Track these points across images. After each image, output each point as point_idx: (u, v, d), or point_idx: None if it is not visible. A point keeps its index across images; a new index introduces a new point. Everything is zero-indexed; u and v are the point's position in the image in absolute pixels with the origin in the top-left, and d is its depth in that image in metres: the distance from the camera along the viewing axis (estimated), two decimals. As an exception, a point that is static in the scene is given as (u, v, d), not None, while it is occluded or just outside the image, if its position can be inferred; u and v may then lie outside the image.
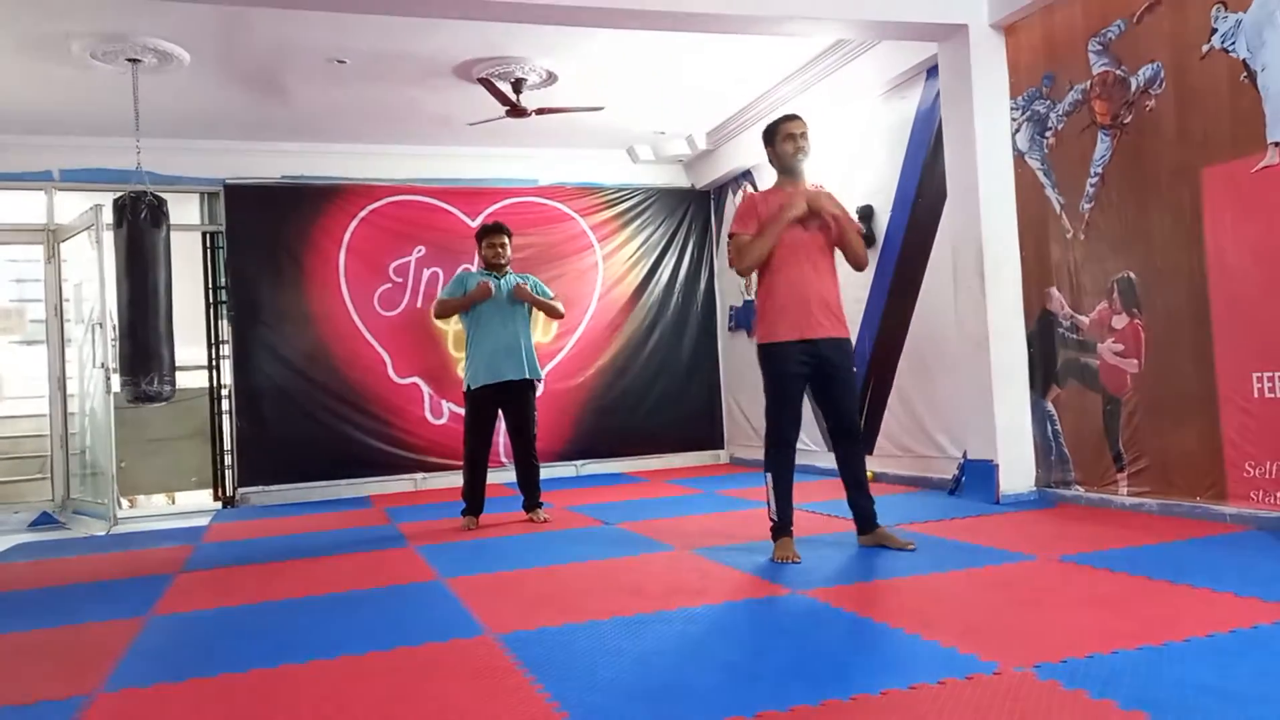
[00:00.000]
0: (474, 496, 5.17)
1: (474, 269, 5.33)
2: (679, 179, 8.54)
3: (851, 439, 3.86)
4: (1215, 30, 3.92)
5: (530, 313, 5.31)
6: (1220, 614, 2.55)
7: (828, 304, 3.76)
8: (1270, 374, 3.76)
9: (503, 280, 5.22)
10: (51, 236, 6.97)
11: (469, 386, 5.16)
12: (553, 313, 5.40)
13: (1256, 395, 3.81)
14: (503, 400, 5.16)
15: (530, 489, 5.31)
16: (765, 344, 3.79)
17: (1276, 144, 3.69)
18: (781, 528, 3.75)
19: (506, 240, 5.25)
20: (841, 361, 3.77)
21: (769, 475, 3.79)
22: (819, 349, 3.71)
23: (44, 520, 6.63)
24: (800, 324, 3.70)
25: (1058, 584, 3.06)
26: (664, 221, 8.36)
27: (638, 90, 6.64)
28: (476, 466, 5.18)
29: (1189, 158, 4.07)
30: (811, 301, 3.71)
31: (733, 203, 8.13)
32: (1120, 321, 4.47)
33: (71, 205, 7.14)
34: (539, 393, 5.50)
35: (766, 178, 7.48)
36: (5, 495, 7.28)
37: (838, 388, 3.78)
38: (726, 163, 7.88)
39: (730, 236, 3.90)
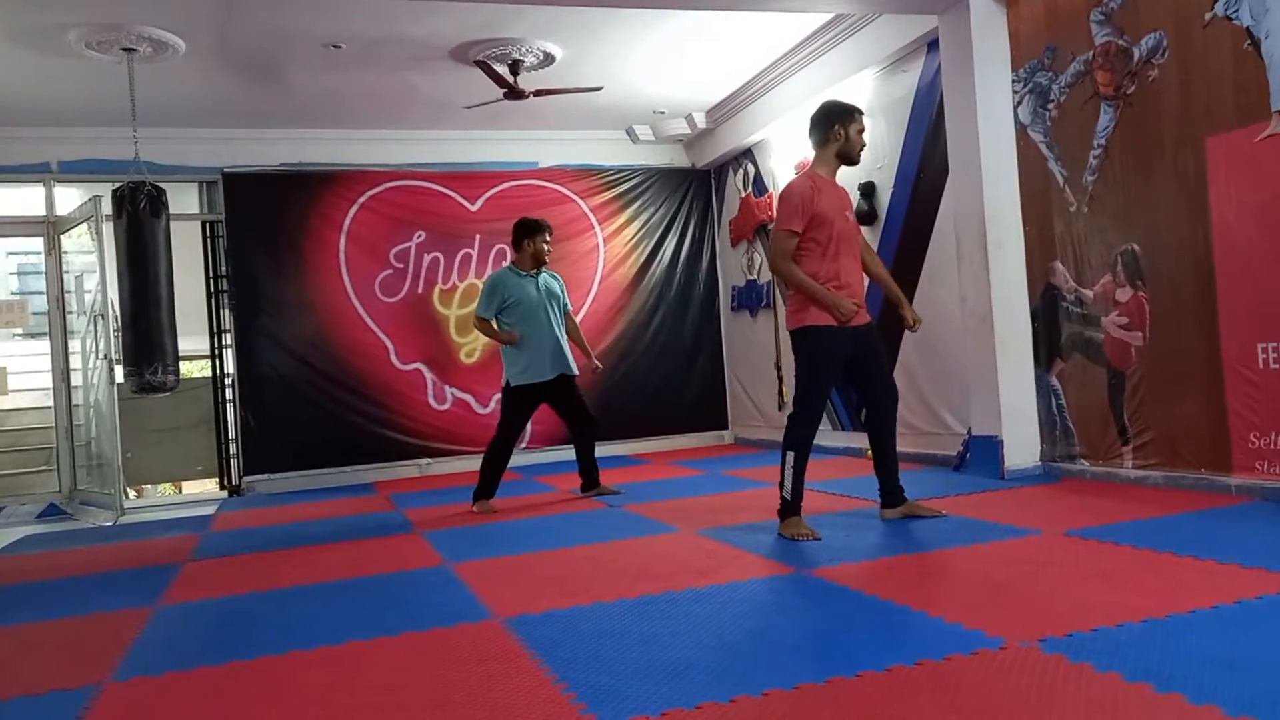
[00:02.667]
0: (493, 483, 5.23)
1: (507, 266, 5.31)
2: (679, 159, 8.50)
3: (894, 396, 3.97)
4: (1218, -2, 3.88)
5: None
6: (1225, 585, 2.55)
7: (860, 293, 3.87)
8: (1276, 344, 3.74)
9: (539, 278, 5.25)
10: (51, 228, 6.96)
11: (518, 382, 5.17)
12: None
13: (1262, 366, 3.79)
14: (550, 395, 5.26)
15: (594, 469, 5.48)
16: (815, 326, 3.74)
17: (1281, 112, 3.66)
18: (795, 506, 3.76)
19: (550, 239, 5.35)
20: (876, 343, 3.93)
21: (792, 453, 3.77)
22: (859, 334, 3.80)
23: (51, 512, 6.66)
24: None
25: (1063, 558, 3.06)
26: (665, 202, 8.33)
27: (636, 70, 6.59)
28: (504, 458, 5.26)
29: (1192, 128, 4.04)
30: (857, 291, 3.83)
31: (733, 182, 8.09)
32: (1124, 294, 4.45)
33: (71, 197, 7.13)
34: None
35: (768, 156, 7.46)
36: (12, 487, 7.31)
37: (875, 364, 3.90)
38: (727, 141, 7.83)
39: (773, 229, 3.79)
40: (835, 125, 3.82)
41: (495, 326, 5.22)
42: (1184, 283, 4.13)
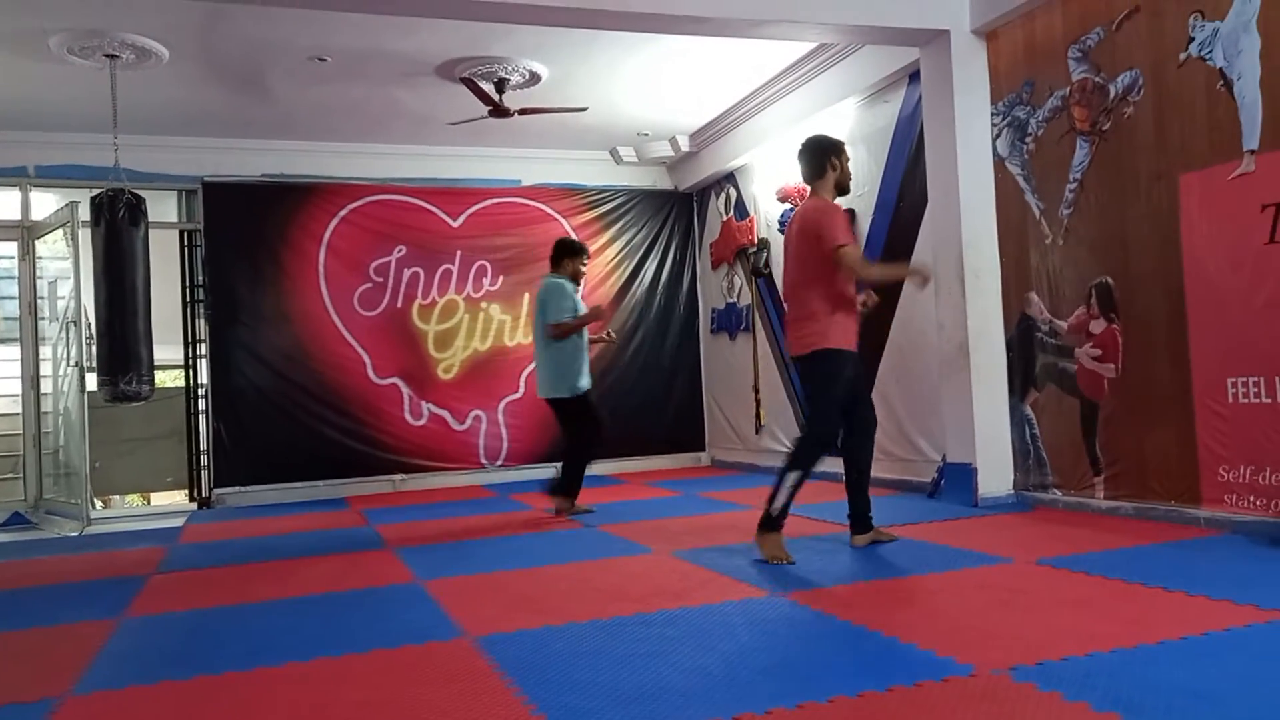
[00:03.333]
0: (580, 484, 5.49)
1: (556, 277, 5.50)
2: (662, 181, 8.54)
3: (875, 418, 4.08)
4: (1193, 39, 3.97)
5: None
6: (1193, 616, 2.58)
7: None
8: (1245, 379, 3.80)
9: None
10: (26, 233, 6.88)
11: (577, 391, 5.39)
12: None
13: (1231, 400, 3.85)
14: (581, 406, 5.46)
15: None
16: (838, 349, 3.80)
17: (1252, 152, 3.73)
18: (778, 524, 3.74)
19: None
20: (862, 368, 4.14)
21: (796, 473, 3.73)
22: (858, 359, 3.95)
23: (16, 520, 6.54)
24: (854, 336, 3.92)
25: (1034, 586, 3.08)
26: (647, 223, 8.36)
27: (621, 92, 6.63)
28: (589, 456, 5.56)
29: (1166, 164, 4.11)
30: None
31: (715, 206, 8.14)
32: (1098, 326, 4.50)
33: (47, 202, 7.06)
34: None
35: (750, 180, 7.52)
36: (-23, 495, 7.17)
37: (863, 388, 4.13)
38: (709, 165, 7.89)
39: (839, 247, 3.74)
40: (831, 157, 3.93)
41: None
42: (1156, 316, 4.19)
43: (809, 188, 4.01)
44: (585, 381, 5.42)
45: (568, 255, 5.49)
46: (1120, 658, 2.25)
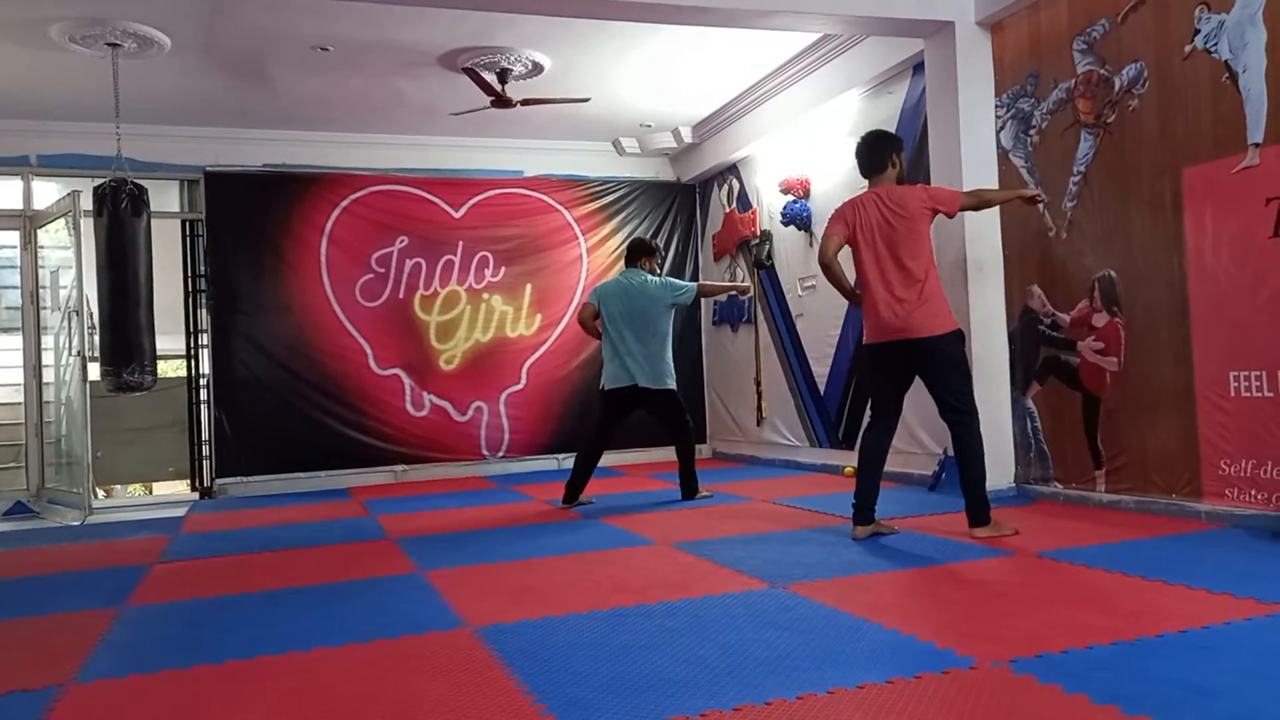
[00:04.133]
0: (581, 487, 5.54)
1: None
2: (665, 172, 8.53)
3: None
4: (1198, 31, 3.95)
5: None
6: (1194, 610, 2.58)
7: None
8: (1247, 373, 3.79)
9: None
10: (28, 222, 6.88)
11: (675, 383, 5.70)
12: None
13: (1233, 394, 3.85)
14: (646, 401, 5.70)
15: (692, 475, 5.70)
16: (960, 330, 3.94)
17: (1257, 145, 3.72)
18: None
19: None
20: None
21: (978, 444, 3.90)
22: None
23: (18, 509, 6.55)
24: None
25: (1035, 579, 3.08)
26: (649, 215, 8.34)
27: (624, 83, 6.62)
28: (592, 460, 5.61)
29: (1170, 158, 4.10)
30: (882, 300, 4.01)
31: (718, 198, 8.13)
32: (1100, 320, 4.50)
33: (49, 191, 7.05)
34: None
35: (753, 172, 7.50)
36: (-21, 484, 7.19)
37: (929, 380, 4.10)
38: (712, 157, 7.87)
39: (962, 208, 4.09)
40: (893, 153, 4.03)
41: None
42: (1159, 310, 4.18)
43: (866, 181, 4.08)
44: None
45: (645, 254, 5.66)
46: (1120, 650, 2.26)
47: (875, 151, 4.02)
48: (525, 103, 6.34)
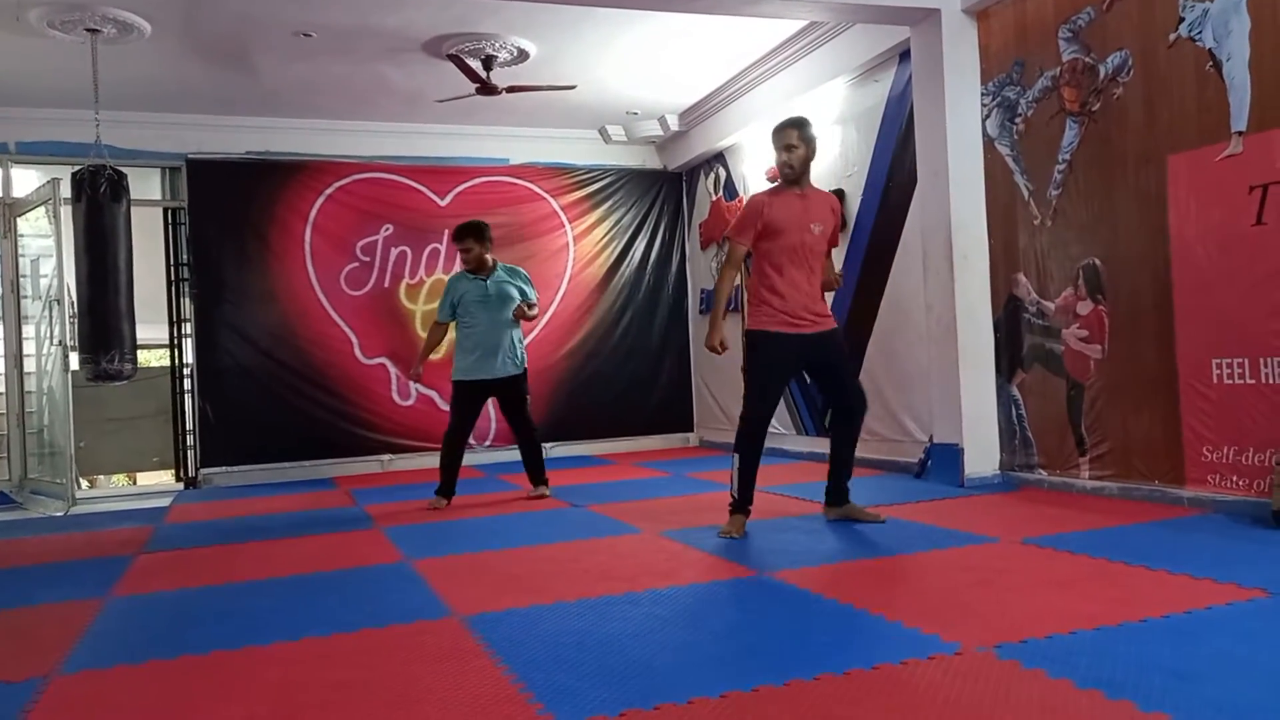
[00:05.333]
0: (448, 478, 5.24)
1: (459, 270, 5.37)
2: (651, 160, 8.50)
3: (863, 404, 4.10)
4: (1183, 19, 3.96)
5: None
6: (1177, 595, 2.60)
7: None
8: (1229, 360, 3.82)
9: (489, 281, 5.23)
10: (8, 210, 6.79)
11: (457, 377, 5.27)
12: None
13: (1215, 381, 3.88)
14: (493, 392, 5.29)
15: (534, 467, 5.43)
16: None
17: (1240, 133, 3.74)
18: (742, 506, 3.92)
19: (474, 243, 5.18)
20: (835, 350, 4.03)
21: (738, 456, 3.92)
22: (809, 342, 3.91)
23: (0, 500, 6.50)
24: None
25: (1019, 566, 3.11)
26: (636, 203, 8.32)
27: (610, 70, 6.58)
28: (454, 450, 5.26)
29: (1155, 146, 4.12)
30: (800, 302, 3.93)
31: (704, 186, 8.12)
32: (1085, 308, 4.52)
33: (28, 178, 6.96)
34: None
35: (740, 160, 7.49)
36: (-40, 475, 7.12)
37: (838, 371, 4.04)
38: (699, 145, 7.85)
39: (725, 238, 4.03)
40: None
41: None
42: (1143, 297, 4.21)
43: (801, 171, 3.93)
44: (469, 373, 5.25)
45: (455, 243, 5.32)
46: (1104, 636, 2.28)
47: (812, 139, 3.94)
48: (511, 90, 6.30)
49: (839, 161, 6.23)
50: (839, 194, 6.18)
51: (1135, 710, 1.81)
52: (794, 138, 3.87)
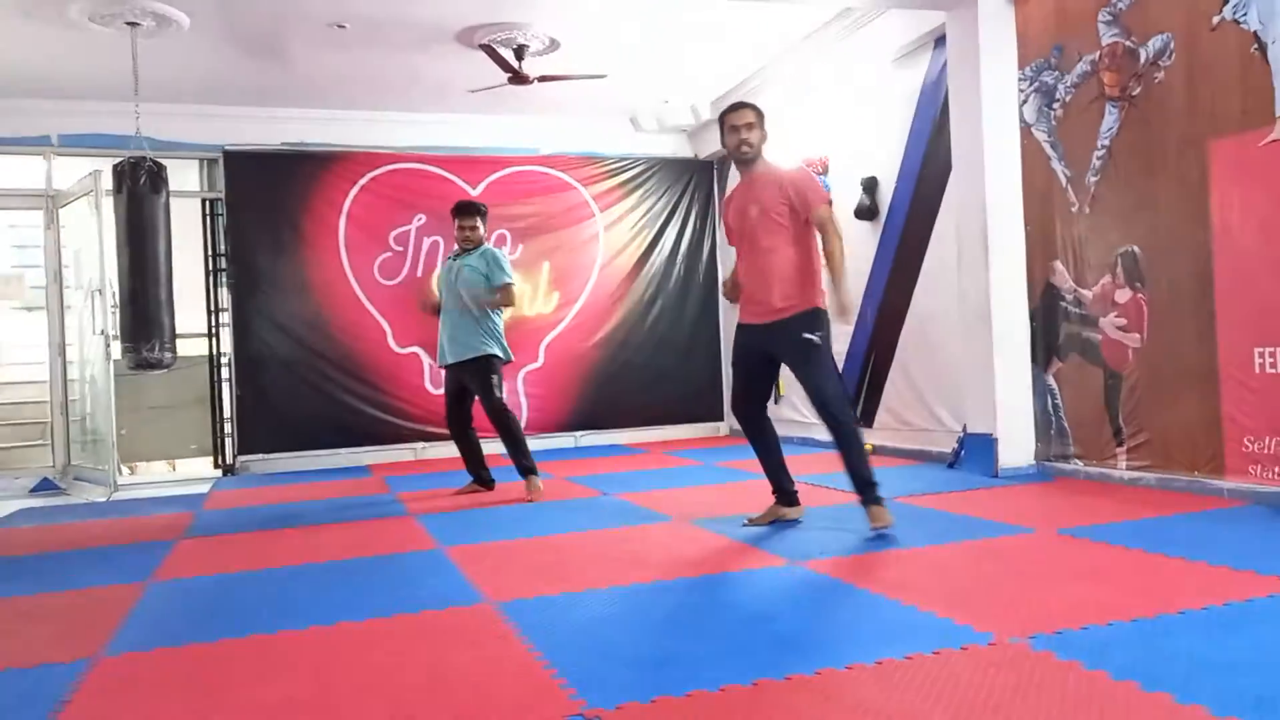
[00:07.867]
0: (467, 465, 5.35)
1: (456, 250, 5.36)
2: (682, 149, 8.47)
3: (826, 414, 3.65)
4: (1226, 1, 3.87)
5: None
6: (1215, 587, 2.56)
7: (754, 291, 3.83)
8: (1271, 349, 3.74)
9: (456, 261, 5.22)
10: (51, 202, 6.93)
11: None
12: (502, 304, 5.18)
13: (1258, 370, 3.80)
14: (462, 377, 5.21)
15: (514, 457, 5.17)
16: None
17: (1285, 117, 3.65)
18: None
19: (481, 222, 5.21)
20: (794, 348, 3.66)
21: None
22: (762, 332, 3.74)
23: (45, 486, 6.65)
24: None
25: (1054, 557, 3.07)
26: (666, 191, 8.30)
27: (641, 58, 6.56)
28: (453, 437, 5.38)
29: (1197, 131, 4.03)
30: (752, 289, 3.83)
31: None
32: (1123, 296, 4.45)
33: (71, 170, 7.09)
34: (504, 363, 5.25)
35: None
36: (7, 461, 7.30)
37: (797, 372, 3.73)
38: (730, 133, 7.79)
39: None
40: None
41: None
42: (1183, 286, 4.13)
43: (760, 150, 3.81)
44: (440, 359, 5.29)
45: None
46: (1140, 628, 2.25)
47: (761, 119, 3.89)
48: (542, 79, 6.30)
49: (873, 148, 6.17)
50: (872, 181, 6.12)
51: (1172, 702, 1.79)
52: (752, 116, 3.75)
